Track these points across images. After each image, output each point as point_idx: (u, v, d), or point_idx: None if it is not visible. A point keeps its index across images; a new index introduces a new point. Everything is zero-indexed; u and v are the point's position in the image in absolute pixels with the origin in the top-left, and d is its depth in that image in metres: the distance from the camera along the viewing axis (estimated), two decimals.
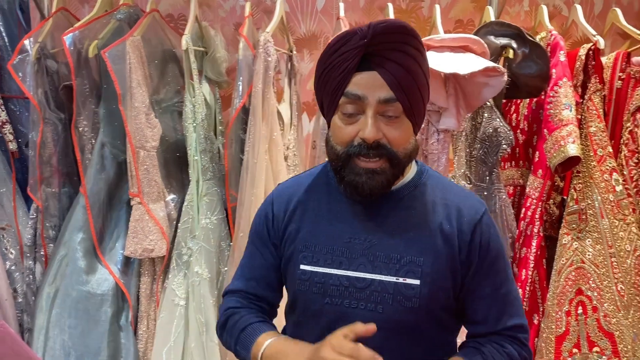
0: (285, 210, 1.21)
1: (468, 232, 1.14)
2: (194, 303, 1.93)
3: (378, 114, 1.07)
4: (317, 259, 1.15)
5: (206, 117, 2.07)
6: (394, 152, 1.08)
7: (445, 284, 1.13)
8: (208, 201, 2.04)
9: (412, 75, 1.08)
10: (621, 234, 2.01)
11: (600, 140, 2.07)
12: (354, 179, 1.09)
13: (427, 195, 1.17)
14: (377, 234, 1.13)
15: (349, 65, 1.06)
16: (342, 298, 1.12)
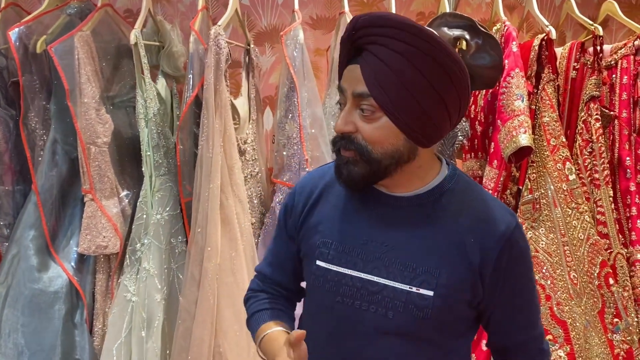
0: (306, 202, 1.21)
1: (495, 248, 1.07)
2: (140, 299, 1.92)
3: (356, 108, 1.06)
4: (333, 256, 1.14)
5: (159, 112, 2.05)
6: (363, 147, 1.05)
7: (462, 296, 1.09)
8: (160, 197, 2.03)
9: (394, 72, 1.02)
10: (574, 222, 2.03)
11: (553, 130, 2.09)
12: (337, 166, 1.10)
13: (453, 203, 1.11)
14: (394, 239, 1.10)
15: (343, 58, 1.09)
16: (353, 299, 1.11)
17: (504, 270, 1.08)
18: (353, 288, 1.11)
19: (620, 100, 2.23)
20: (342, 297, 1.12)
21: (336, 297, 1.12)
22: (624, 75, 2.23)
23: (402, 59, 1.01)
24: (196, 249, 1.90)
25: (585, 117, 2.16)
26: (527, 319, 1.17)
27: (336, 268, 1.13)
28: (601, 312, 1.98)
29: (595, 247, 2.02)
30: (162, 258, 2.00)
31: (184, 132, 2.01)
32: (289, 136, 2.08)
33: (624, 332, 1.98)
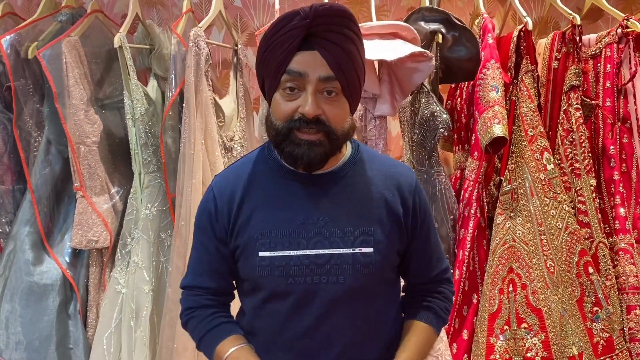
0: (230, 203, 1.24)
1: (409, 198, 1.27)
2: (129, 290, 2.01)
3: (318, 92, 1.14)
4: (275, 243, 1.20)
5: (147, 112, 2.14)
6: (332, 128, 1.15)
7: (394, 246, 1.25)
8: (149, 193, 2.12)
9: (350, 57, 1.16)
10: (552, 212, 2.03)
11: (531, 120, 2.10)
12: (293, 150, 1.16)
13: (366, 169, 1.26)
14: (328, 212, 1.21)
15: (291, 44, 1.13)
16: (304, 276, 1.19)
17: (417, 215, 1.28)
18: (302, 267, 1.19)
19: (604, 89, 2.23)
20: (293, 278, 1.19)
21: (288, 280, 1.19)
22: (607, 64, 2.23)
23: (352, 45, 1.17)
24: (180, 242, 1.98)
25: (565, 107, 2.16)
26: (438, 253, 1.36)
27: (281, 253, 1.20)
28: (580, 300, 1.98)
29: (574, 236, 2.02)
30: (150, 251, 2.09)
31: (169, 130, 2.09)
32: None
33: (604, 320, 1.98)
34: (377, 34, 2.11)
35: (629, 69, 2.19)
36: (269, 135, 1.21)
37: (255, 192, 1.24)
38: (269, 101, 1.22)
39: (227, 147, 2.25)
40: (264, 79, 1.21)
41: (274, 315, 1.23)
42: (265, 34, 1.19)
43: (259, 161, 1.28)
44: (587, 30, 2.49)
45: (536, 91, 2.16)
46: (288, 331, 1.22)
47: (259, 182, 1.25)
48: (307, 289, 1.19)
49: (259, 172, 1.27)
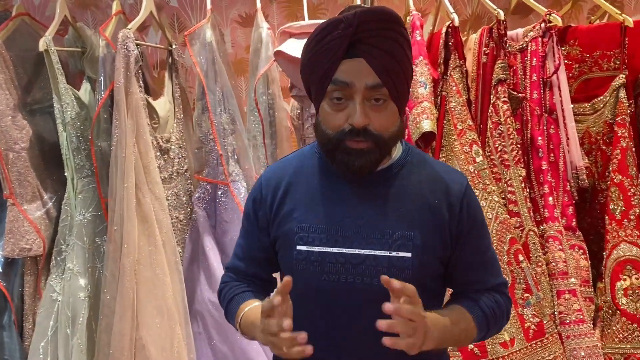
0: (275, 193, 1.26)
1: (457, 205, 1.22)
2: (65, 298, 1.99)
3: (365, 100, 1.13)
4: (313, 238, 1.20)
5: (79, 116, 2.11)
6: (380, 136, 1.14)
7: (435, 254, 1.21)
8: (83, 198, 2.09)
9: (397, 61, 1.14)
10: (482, 202, 2.09)
11: (460, 114, 2.15)
12: (344, 158, 1.16)
13: (413, 172, 1.24)
14: (369, 212, 1.20)
15: (336, 53, 1.11)
16: (338, 274, 1.19)
17: (466, 222, 1.23)
18: (337, 264, 1.19)
19: (531, 81, 2.30)
20: (327, 275, 1.19)
21: (322, 276, 1.20)
22: (533, 57, 2.30)
23: (399, 48, 1.14)
24: (114, 247, 1.96)
25: (494, 100, 2.23)
26: (491, 267, 1.30)
27: (318, 249, 1.20)
28: (511, 287, 2.05)
29: (504, 225, 2.08)
30: (85, 257, 2.06)
31: (100, 134, 2.07)
32: (205, 133, 2.14)
33: (535, 306, 2.05)
34: (308, 33, 2.12)
35: (554, 62, 2.27)
36: (321, 142, 1.20)
37: (300, 186, 1.25)
38: (317, 108, 1.21)
39: (163, 149, 2.24)
40: (310, 86, 1.21)
41: (306, 311, 1.22)
42: (308, 42, 1.18)
43: (308, 156, 1.29)
44: (520, 24, 2.56)
45: (465, 86, 2.21)
46: (318, 327, 1.21)
47: (305, 176, 1.26)
48: (340, 287, 1.19)
49: (307, 167, 1.28)
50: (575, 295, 2.10)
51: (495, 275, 1.30)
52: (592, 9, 2.85)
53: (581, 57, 2.38)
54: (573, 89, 2.40)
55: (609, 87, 2.28)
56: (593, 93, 2.37)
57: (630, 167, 2.19)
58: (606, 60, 2.33)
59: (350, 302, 1.20)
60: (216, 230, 2.15)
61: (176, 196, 2.28)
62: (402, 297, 1.06)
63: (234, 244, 1.43)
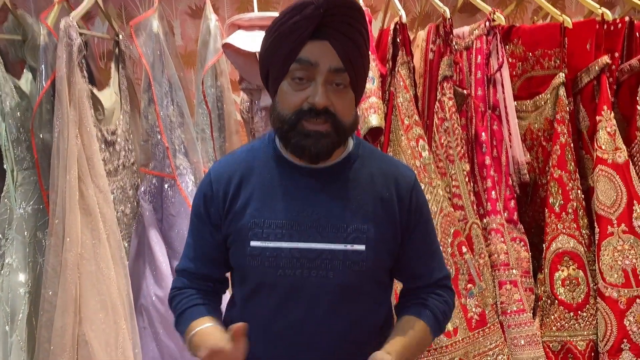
0: (226, 188, 1.25)
1: (406, 198, 1.27)
2: (4, 294, 1.93)
3: (327, 82, 1.14)
4: (268, 234, 1.20)
5: (19, 106, 2.05)
6: (339, 120, 1.16)
7: (387, 246, 1.25)
8: (24, 191, 2.03)
9: (359, 50, 1.17)
10: (427, 196, 2.13)
11: (407, 110, 2.19)
12: (300, 141, 1.16)
13: (365, 165, 1.27)
14: (323, 206, 1.21)
15: (303, 33, 1.13)
16: (294, 269, 1.20)
17: (414, 215, 1.28)
18: (293, 259, 1.20)
19: (476, 78, 2.36)
20: (283, 270, 1.20)
21: (277, 272, 1.20)
22: (478, 55, 2.36)
23: (361, 37, 1.18)
24: (56, 240, 1.91)
25: (440, 97, 2.27)
26: (435, 259, 1.35)
27: (273, 244, 1.20)
28: (455, 279, 2.10)
29: (448, 218, 2.13)
30: (26, 252, 2.00)
31: (42, 125, 2.01)
32: (151, 125, 2.11)
33: (477, 296, 2.11)
34: (258, 25, 2.13)
35: (497, 60, 2.33)
36: (274, 126, 1.21)
37: (252, 180, 1.24)
38: (275, 91, 1.21)
39: (109, 141, 2.19)
40: (269, 67, 1.20)
41: (262, 307, 1.23)
42: (274, 23, 1.18)
43: (259, 150, 1.29)
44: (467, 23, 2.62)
45: (412, 81, 2.25)
46: (275, 324, 1.23)
47: (258, 171, 1.25)
48: (296, 282, 1.20)
49: (258, 161, 1.27)
50: (516, 286, 2.17)
51: (440, 267, 1.36)
52: (536, 10, 2.95)
53: (524, 56, 2.46)
54: (516, 86, 2.48)
55: (550, 85, 2.36)
56: (535, 90, 2.45)
57: (568, 162, 2.27)
58: (547, 59, 2.41)
59: (307, 297, 1.21)
60: (163, 225, 2.12)
61: (122, 189, 2.24)
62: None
63: (181, 238, 1.43)
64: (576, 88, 2.39)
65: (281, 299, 1.22)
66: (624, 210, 2.19)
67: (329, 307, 1.22)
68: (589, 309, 2.16)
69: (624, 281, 2.12)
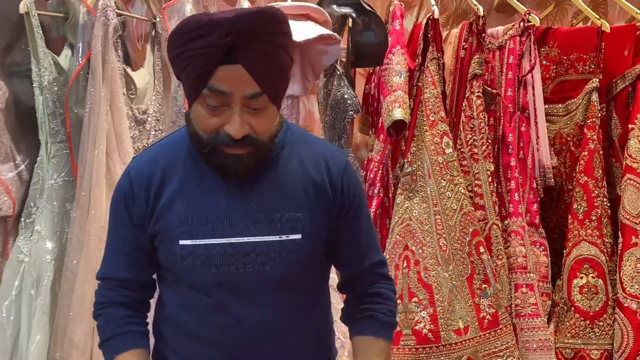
0: (148, 188, 1.17)
1: (338, 182, 1.20)
2: (31, 259, 2.02)
3: (244, 107, 1.06)
4: (197, 231, 1.14)
5: (57, 81, 2.13)
6: (260, 141, 1.09)
7: (323, 232, 1.20)
8: (56, 163, 2.11)
9: (277, 65, 1.08)
10: (448, 193, 2.13)
11: (433, 105, 2.19)
12: (220, 162, 1.10)
13: (294, 151, 1.20)
14: (254, 197, 1.15)
15: (211, 61, 1.03)
16: (228, 265, 1.14)
17: (347, 199, 1.22)
18: (226, 255, 1.14)
19: (507, 79, 2.34)
20: (216, 268, 1.14)
21: (210, 270, 1.14)
22: (510, 55, 2.34)
23: (280, 49, 1.08)
24: (81, 212, 1.99)
25: (468, 95, 2.26)
26: (371, 243, 1.30)
27: (204, 241, 1.14)
28: (470, 277, 2.09)
29: (468, 216, 2.13)
30: (54, 221, 2.09)
31: (76, 101, 2.08)
32: (180, 107, 2.17)
33: (491, 297, 2.10)
34: (289, 14, 2.14)
35: (529, 61, 2.30)
36: (193, 139, 1.13)
37: (175, 176, 1.17)
38: (189, 103, 1.12)
39: (139, 120, 2.26)
40: (182, 79, 1.11)
41: (197, 307, 1.18)
42: (177, 37, 1.06)
43: (179, 145, 1.20)
44: (504, 23, 2.60)
45: (441, 78, 2.24)
46: (213, 323, 1.18)
47: (180, 166, 1.18)
48: (231, 279, 1.15)
49: (179, 155, 1.19)
50: (532, 290, 2.15)
51: (376, 250, 1.31)
52: (576, 12, 2.88)
53: (559, 59, 2.42)
54: (549, 89, 2.44)
55: (583, 90, 2.32)
56: (567, 95, 2.41)
57: (596, 169, 2.23)
58: (582, 64, 2.37)
59: (243, 293, 1.16)
60: None
61: None
62: None
63: None
64: (610, 94, 2.35)
65: (218, 298, 1.16)
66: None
67: (270, 302, 1.17)
68: (606, 319, 2.13)
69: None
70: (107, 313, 1.23)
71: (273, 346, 1.19)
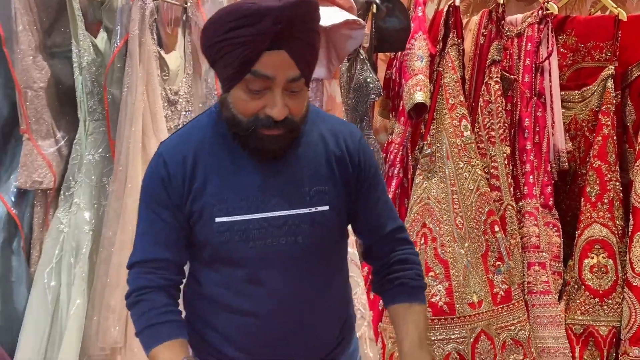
0: (184, 169, 1.22)
1: (355, 154, 1.28)
2: (70, 230, 2.15)
3: (284, 90, 1.13)
4: (233, 208, 1.20)
5: (94, 62, 2.24)
6: (295, 122, 1.17)
7: (346, 203, 1.28)
8: (93, 139, 2.23)
9: (315, 50, 1.17)
10: (465, 174, 2.23)
11: (452, 90, 2.28)
12: (257, 145, 1.17)
13: (315, 128, 1.27)
14: (283, 173, 1.23)
15: (258, 47, 1.09)
16: (263, 239, 1.21)
17: (364, 170, 1.29)
18: (261, 229, 1.21)
19: (524, 65, 2.42)
20: (253, 242, 1.21)
21: (248, 244, 1.21)
22: (528, 43, 2.42)
23: (316, 35, 1.16)
24: (118, 186, 2.11)
25: (487, 80, 2.35)
26: (390, 211, 1.37)
27: (240, 217, 1.20)
28: (484, 255, 2.19)
29: (483, 197, 2.22)
30: (92, 194, 2.21)
31: (113, 81, 2.20)
32: (210, 88, 2.28)
33: (505, 274, 2.20)
34: None
35: (547, 48, 2.38)
36: (230, 123, 1.18)
37: (207, 157, 1.23)
38: (226, 88, 1.17)
39: (171, 101, 2.37)
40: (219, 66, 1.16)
41: (234, 281, 1.24)
42: (220, 24, 1.12)
43: (208, 127, 1.26)
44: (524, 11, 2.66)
45: (460, 63, 2.33)
46: (249, 295, 1.24)
47: (210, 147, 1.24)
48: (267, 252, 1.21)
49: (209, 137, 1.25)
50: (544, 268, 2.25)
51: (394, 217, 1.38)
52: (595, 1, 2.93)
53: (576, 47, 2.49)
54: (566, 76, 2.52)
55: (598, 77, 2.39)
56: (583, 82, 2.48)
57: (609, 154, 2.31)
58: (598, 51, 2.44)
59: (278, 264, 1.23)
60: None
61: None
62: None
63: None
64: (625, 82, 2.42)
65: (254, 270, 1.23)
66: None
67: (301, 271, 1.24)
68: (615, 297, 2.22)
69: None
70: (150, 299, 1.23)
71: (304, 314, 1.27)
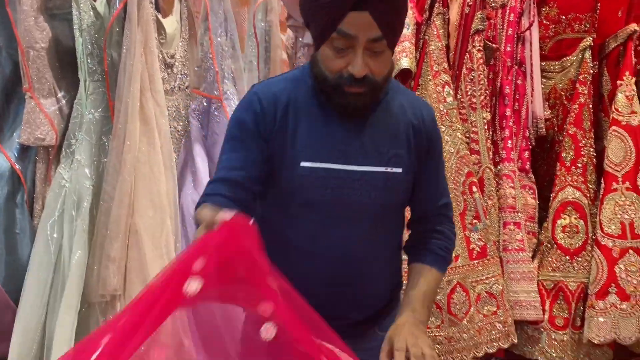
0: (275, 110, 1.29)
1: (429, 128, 1.38)
2: (72, 185, 2.26)
3: (365, 50, 1.20)
4: (317, 155, 1.28)
5: (94, 24, 2.33)
6: (376, 81, 1.24)
7: (415, 168, 1.36)
8: (93, 99, 2.33)
9: (399, 13, 1.22)
10: (447, 138, 2.35)
11: (437, 57, 2.38)
12: (342, 101, 1.26)
13: (397, 97, 1.36)
14: (365, 132, 1.31)
15: (344, 7, 1.16)
16: (341, 188, 1.29)
17: (433, 144, 1.40)
18: (339, 179, 1.29)
19: (507, 35, 2.53)
20: (331, 190, 1.29)
21: (325, 191, 1.29)
22: (511, 13, 2.52)
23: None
24: (117, 143, 2.23)
25: (470, 49, 2.45)
26: (444, 186, 1.48)
27: (324, 165, 1.29)
28: (462, 213, 2.33)
29: (463, 159, 2.35)
30: (92, 152, 2.33)
31: (111, 43, 2.30)
32: (205, 52, 2.38)
33: (481, 231, 2.34)
34: None
35: (529, 19, 2.48)
36: (318, 79, 1.27)
37: (298, 107, 1.31)
38: (317, 46, 1.26)
39: (168, 64, 2.48)
40: (311, 26, 1.26)
41: (306, 223, 1.32)
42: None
43: (300, 81, 1.34)
44: None
45: (445, 32, 2.44)
46: (318, 238, 1.32)
47: (301, 98, 1.31)
48: (341, 201, 1.29)
49: (301, 90, 1.32)
50: (519, 227, 2.39)
51: (446, 193, 1.49)
52: None
53: (558, 18, 2.59)
54: (548, 47, 2.63)
55: (577, 48, 2.51)
56: (563, 52, 2.59)
57: (585, 121, 2.44)
58: (578, 23, 2.55)
59: (348, 215, 1.31)
60: (207, 140, 2.42)
61: (176, 108, 2.54)
62: None
63: None
64: (603, 53, 2.53)
65: (327, 215, 1.30)
66: (631, 169, 2.36)
67: (369, 225, 1.32)
68: (585, 255, 2.36)
69: (620, 233, 2.31)
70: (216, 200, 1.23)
71: (363, 266, 1.35)
